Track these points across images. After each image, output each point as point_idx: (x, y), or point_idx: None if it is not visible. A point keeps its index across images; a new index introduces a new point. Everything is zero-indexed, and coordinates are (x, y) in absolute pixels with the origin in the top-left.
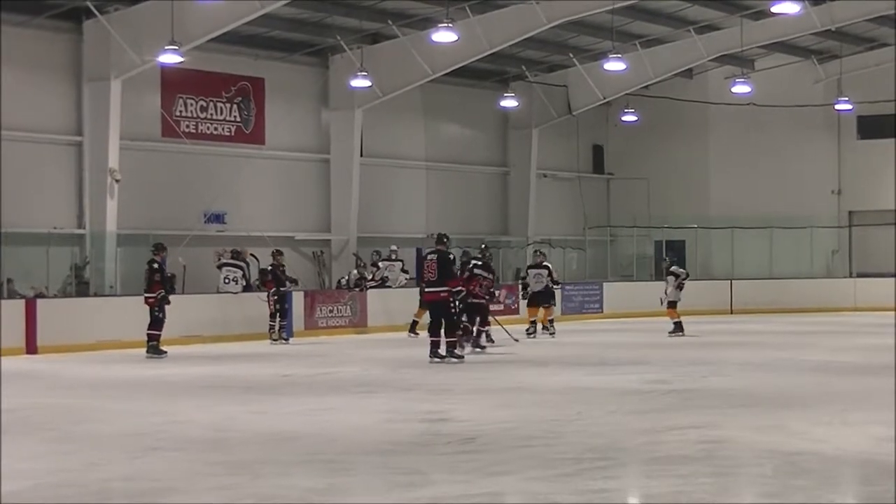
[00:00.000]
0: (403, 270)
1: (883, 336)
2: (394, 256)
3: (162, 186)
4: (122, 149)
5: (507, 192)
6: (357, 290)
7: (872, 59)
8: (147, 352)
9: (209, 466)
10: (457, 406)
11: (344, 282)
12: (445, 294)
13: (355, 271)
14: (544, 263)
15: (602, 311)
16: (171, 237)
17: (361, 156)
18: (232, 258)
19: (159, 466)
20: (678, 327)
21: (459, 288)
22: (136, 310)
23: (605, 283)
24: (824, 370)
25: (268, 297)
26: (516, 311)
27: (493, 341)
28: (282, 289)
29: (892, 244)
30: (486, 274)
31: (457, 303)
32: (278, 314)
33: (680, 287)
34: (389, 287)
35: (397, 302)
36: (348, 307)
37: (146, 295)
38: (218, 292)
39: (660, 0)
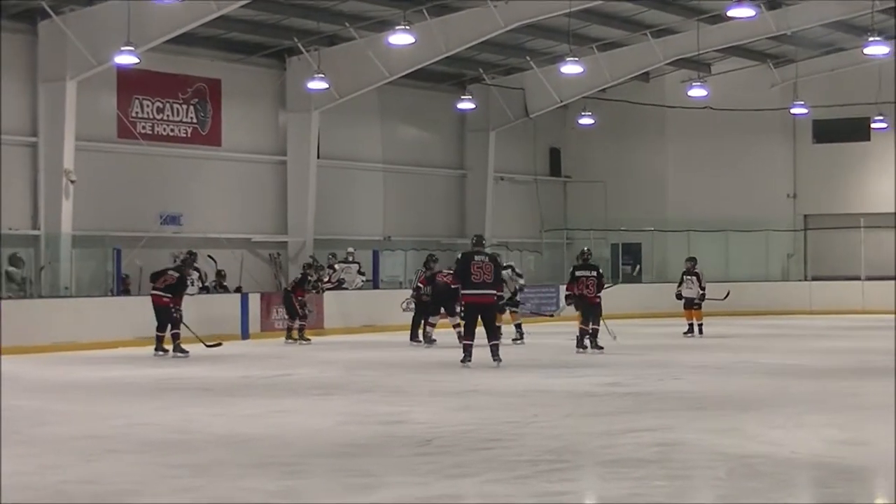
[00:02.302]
0: (360, 272)
1: (838, 339)
2: (350, 258)
3: (118, 188)
4: (77, 150)
5: (464, 195)
6: (314, 292)
7: (828, 64)
8: (174, 351)
9: (166, 469)
10: (413, 408)
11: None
12: (497, 298)
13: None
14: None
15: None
16: (126, 239)
17: (318, 158)
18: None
19: (116, 469)
20: (699, 329)
21: (501, 294)
22: (92, 311)
23: (561, 286)
24: (779, 373)
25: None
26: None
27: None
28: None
29: (846, 248)
30: (588, 273)
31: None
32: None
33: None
34: (346, 289)
35: (354, 304)
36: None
37: (164, 294)
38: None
39: (616, 2)
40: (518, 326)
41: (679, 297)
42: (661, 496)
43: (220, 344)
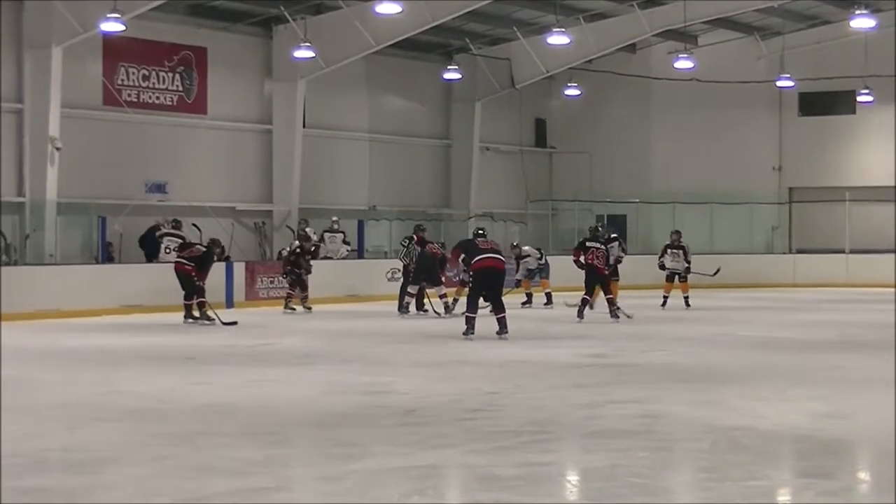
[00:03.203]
0: (345, 242)
1: (821, 312)
2: (336, 227)
3: (103, 155)
4: (63, 117)
5: (450, 165)
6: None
7: (814, 37)
8: (201, 318)
9: (148, 437)
10: (397, 378)
11: (285, 253)
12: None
13: (296, 243)
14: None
15: None
16: (111, 206)
17: (304, 127)
18: (172, 228)
19: (98, 437)
20: (686, 301)
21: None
22: (76, 279)
23: (546, 257)
24: (763, 346)
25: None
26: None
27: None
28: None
29: (831, 221)
30: (598, 245)
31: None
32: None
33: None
34: (330, 258)
35: (338, 274)
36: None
37: (187, 262)
38: (158, 262)
39: None
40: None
41: (662, 267)
42: (643, 468)
43: (235, 323)
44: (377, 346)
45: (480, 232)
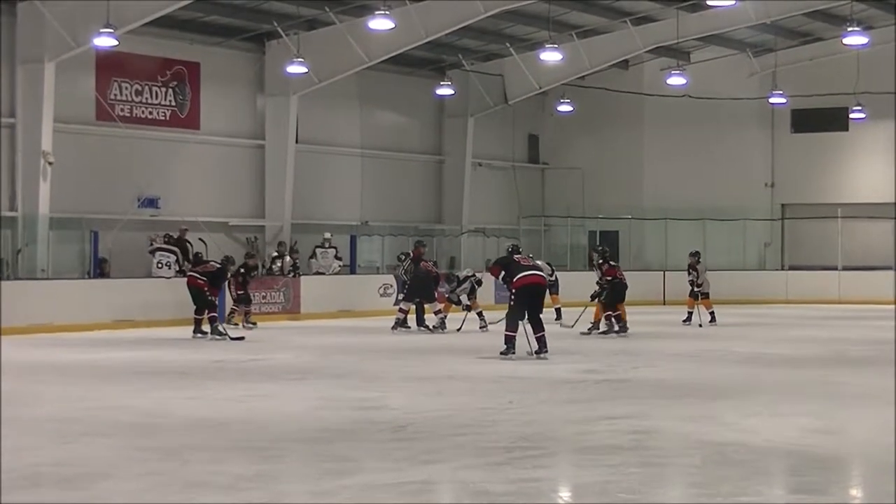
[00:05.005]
0: (337, 258)
1: (813, 329)
2: (327, 244)
3: (96, 170)
4: (55, 132)
5: (442, 181)
6: (290, 276)
7: (807, 54)
8: (212, 333)
9: (139, 452)
10: (389, 394)
11: (276, 268)
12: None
13: (288, 258)
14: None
15: None
16: (104, 221)
17: (297, 142)
18: (165, 243)
19: (90, 452)
20: (689, 316)
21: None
22: (68, 294)
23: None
24: (755, 362)
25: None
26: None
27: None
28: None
29: (823, 238)
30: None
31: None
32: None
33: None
34: (323, 274)
35: (330, 289)
36: (281, 293)
37: (200, 277)
38: (150, 276)
39: None
40: (480, 314)
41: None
42: (635, 483)
43: (243, 338)
44: (369, 361)
45: (515, 247)
